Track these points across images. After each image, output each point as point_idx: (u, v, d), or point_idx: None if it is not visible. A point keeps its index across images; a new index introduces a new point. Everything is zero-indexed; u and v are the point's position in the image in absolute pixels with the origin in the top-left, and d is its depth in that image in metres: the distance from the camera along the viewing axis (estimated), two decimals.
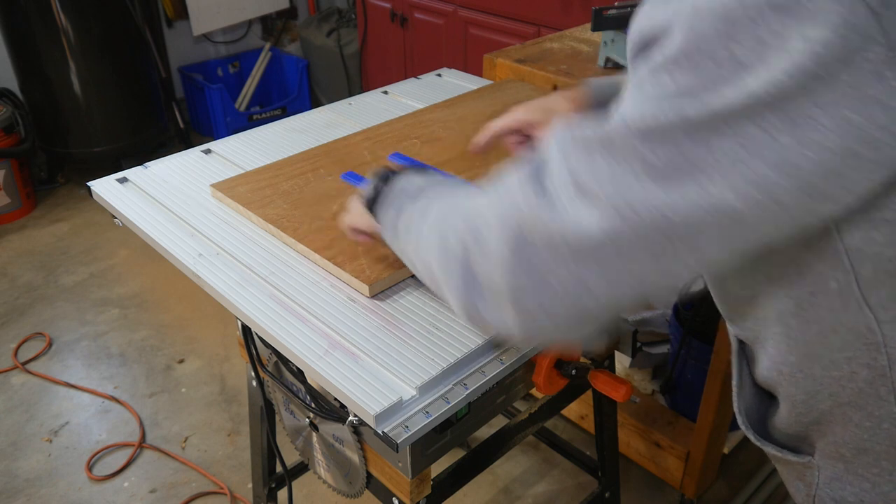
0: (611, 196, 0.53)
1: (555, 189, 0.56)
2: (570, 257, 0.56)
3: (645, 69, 0.52)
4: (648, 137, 0.51)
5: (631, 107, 0.53)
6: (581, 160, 0.55)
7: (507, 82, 1.59)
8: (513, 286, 0.60)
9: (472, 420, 0.98)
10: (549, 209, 0.56)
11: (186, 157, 1.32)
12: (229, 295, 0.95)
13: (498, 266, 0.60)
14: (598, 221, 0.54)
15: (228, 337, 2.43)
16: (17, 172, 3.05)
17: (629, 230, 0.53)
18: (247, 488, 1.89)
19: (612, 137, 0.53)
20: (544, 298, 0.59)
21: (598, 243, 0.54)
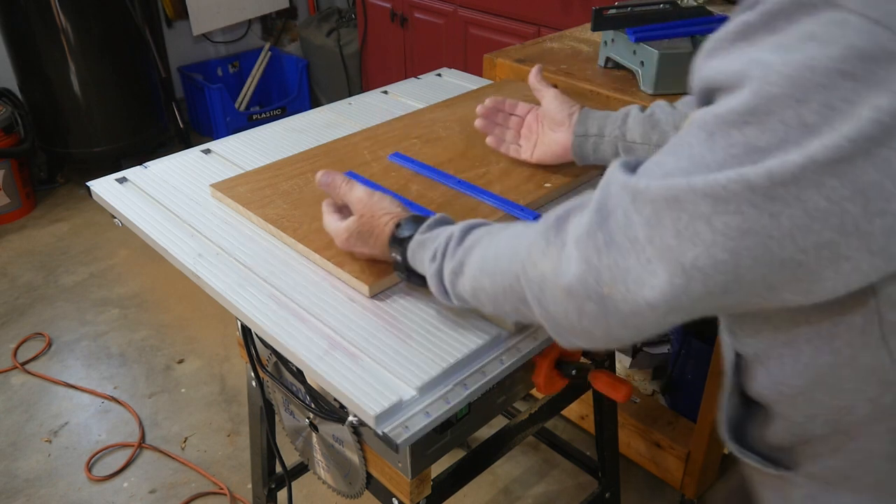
0: (679, 258, 0.54)
1: (626, 240, 0.57)
2: (649, 312, 0.58)
3: (712, 120, 0.53)
4: (715, 203, 0.52)
5: (703, 154, 0.53)
6: (650, 219, 0.56)
7: (507, 82, 1.59)
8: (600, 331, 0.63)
9: (472, 420, 0.98)
10: (622, 261, 0.58)
11: (186, 157, 1.32)
12: (229, 295, 0.95)
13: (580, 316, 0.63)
14: (670, 280, 0.55)
15: (228, 337, 2.43)
16: (17, 172, 3.05)
17: (703, 287, 0.55)
18: (246, 488, 1.89)
19: (679, 197, 0.53)
20: (628, 336, 0.63)
21: (675, 298, 0.56)
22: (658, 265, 0.55)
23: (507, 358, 0.87)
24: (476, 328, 0.89)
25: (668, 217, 0.54)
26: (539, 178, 1.17)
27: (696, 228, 0.53)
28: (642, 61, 1.47)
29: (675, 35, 1.47)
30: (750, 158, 0.51)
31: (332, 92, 3.84)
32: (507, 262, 0.72)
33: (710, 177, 0.52)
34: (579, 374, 0.99)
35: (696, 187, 0.52)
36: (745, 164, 0.51)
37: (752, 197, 0.50)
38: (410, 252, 0.86)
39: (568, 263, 0.62)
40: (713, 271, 0.53)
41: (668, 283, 0.55)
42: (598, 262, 0.59)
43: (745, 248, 0.51)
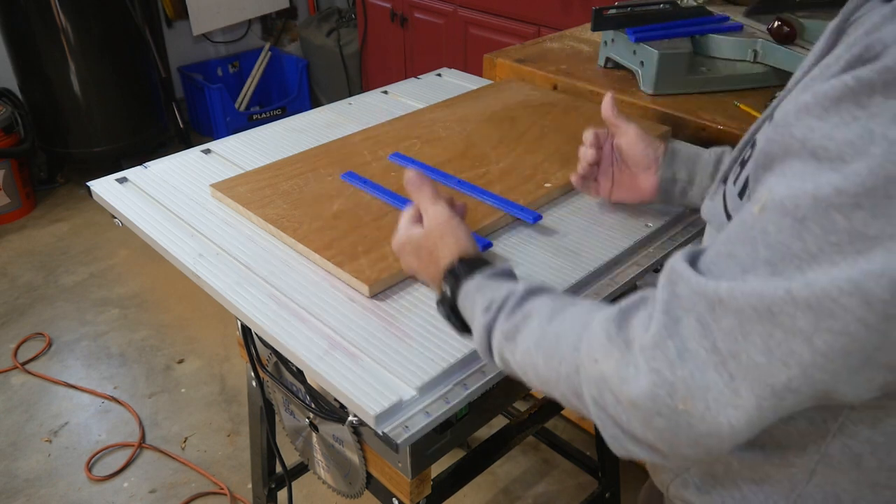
0: (769, 380, 0.47)
1: (703, 350, 0.50)
2: (728, 433, 0.51)
3: (809, 203, 0.44)
4: (818, 317, 0.44)
5: (782, 252, 0.46)
6: (734, 332, 0.48)
7: (507, 82, 1.59)
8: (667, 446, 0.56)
9: (472, 420, 0.98)
10: (700, 376, 0.50)
11: (186, 157, 1.32)
12: (229, 295, 0.95)
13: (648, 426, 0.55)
14: (758, 403, 0.48)
15: (228, 337, 2.43)
16: (17, 172, 3.05)
17: (793, 406, 0.49)
18: (247, 488, 1.89)
19: (772, 309, 0.46)
20: (694, 456, 0.55)
21: (759, 420, 0.50)
22: (742, 384, 0.48)
23: None
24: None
25: (757, 332, 0.47)
26: (539, 178, 1.17)
27: (792, 347, 0.46)
28: (642, 61, 1.47)
29: (675, 35, 1.47)
30: (855, 248, 0.43)
31: (332, 92, 3.84)
32: (566, 347, 0.63)
33: (811, 279, 0.44)
34: None
35: (795, 296, 0.45)
36: (850, 257, 0.43)
37: (865, 313, 0.43)
38: (463, 293, 0.78)
39: (635, 372, 0.54)
40: (808, 390, 0.47)
41: (755, 406, 0.48)
42: (671, 375, 0.51)
43: (847, 367, 0.45)
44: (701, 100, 1.42)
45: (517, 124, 1.35)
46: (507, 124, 1.36)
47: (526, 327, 0.68)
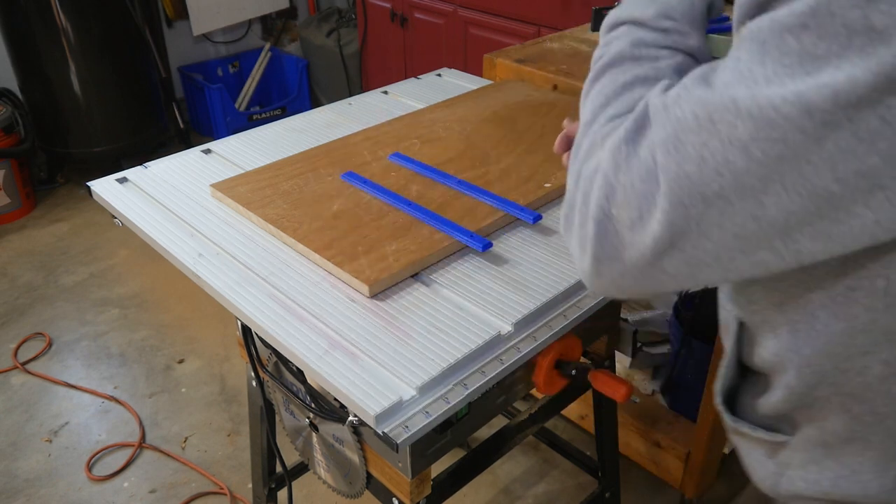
0: (701, 187, 0.50)
1: (649, 158, 0.52)
2: (650, 248, 0.53)
3: (767, 25, 0.47)
4: (757, 125, 0.46)
5: (752, 68, 0.47)
6: (668, 136, 0.51)
7: (507, 82, 1.59)
8: (593, 250, 0.58)
9: (472, 420, 0.98)
10: (639, 185, 0.53)
11: (186, 157, 1.32)
12: (229, 295, 0.95)
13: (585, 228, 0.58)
14: (684, 208, 0.50)
15: (228, 337, 2.43)
16: (17, 172, 3.05)
17: (718, 218, 0.50)
18: (247, 488, 1.89)
19: (712, 115, 0.48)
20: (616, 274, 0.57)
21: (683, 231, 0.51)
22: (672, 192, 0.50)
23: (506, 358, 0.87)
24: (476, 328, 0.89)
25: (692, 140, 0.49)
26: (539, 177, 1.17)
27: (727, 155, 0.48)
28: None
29: None
30: (803, 69, 0.45)
31: (332, 92, 3.84)
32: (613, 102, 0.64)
33: (760, 93, 0.46)
34: (579, 373, 0.99)
35: (739, 105, 0.47)
36: (798, 77, 0.45)
37: (805, 122, 0.45)
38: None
39: (597, 170, 0.57)
40: (737, 199, 0.48)
41: (682, 211, 0.50)
42: (613, 179, 0.55)
43: (778, 173, 0.47)
44: None
45: (517, 124, 1.35)
46: (507, 124, 1.36)
47: (637, 69, 0.66)
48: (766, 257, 0.51)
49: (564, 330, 0.94)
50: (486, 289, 0.97)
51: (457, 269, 1.01)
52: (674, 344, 1.81)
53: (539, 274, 0.99)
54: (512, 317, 0.91)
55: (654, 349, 1.94)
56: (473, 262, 1.02)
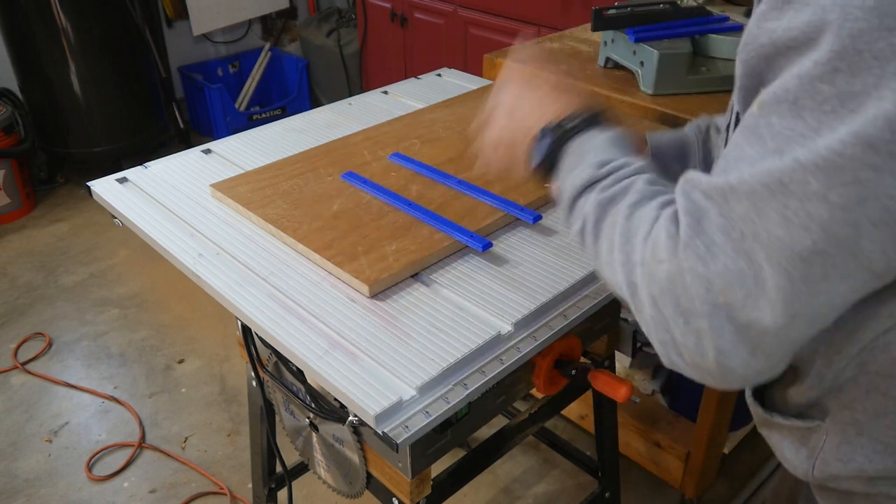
0: (793, 249, 0.50)
1: (729, 242, 0.53)
2: (770, 323, 0.53)
3: (794, 84, 0.48)
4: (827, 174, 0.47)
5: (787, 135, 0.48)
6: (748, 214, 0.51)
7: None
8: (715, 352, 0.56)
9: (472, 420, 0.98)
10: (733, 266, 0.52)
11: (186, 157, 1.32)
12: (229, 295, 0.95)
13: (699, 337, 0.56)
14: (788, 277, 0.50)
15: (228, 337, 2.43)
16: (17, 172, 3.05)
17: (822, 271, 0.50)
18: (247, 488, 1.89)
19: (782, 179, 0.48)
20: (746, 355, 0.56)
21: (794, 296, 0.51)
22: (768, 263, 0.50)
23: (506, 358, 0.87)
24: (476, 328, 0.89)
25: (772, 207, 0.49)
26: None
27: (809, 210, 0.48)
28: (642, 61, 1.47)
29: (675, 35, 1.47)
30: (847, 108, 0.46)
31: (332, 92, 3.84)
32: (640, 237, 0.63)
33: (817, 145, 0.47)
34: (579, 373, 0.99)
35: (804, 162, 0.47)
36: (846, 117, 0.46)
37: (871, 157, 0.45)
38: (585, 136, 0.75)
39: (681, 275, 0.56)
40: (835, 250, 0.49)
41: (787, 279, 0.50)
42: (705, 271, 0.54)
43: (863, 214, 0.47)
44: (701, 100, 1.42)
45: None
46: None
47: (622, 201, 0.67)
48: (873, 284, 0.53)
49: (564, 330, 0.94)
50: (486, 289, 0.97)
51: (457, 269, 1.01)
52: None
53: (539, 274, 0.99)
54: (512, 317, 0.91)
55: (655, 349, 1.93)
56: (473, 262, 1.02)
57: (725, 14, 1.57)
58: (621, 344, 1.91)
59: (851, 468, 0.67)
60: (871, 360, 0.62)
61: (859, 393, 0.65)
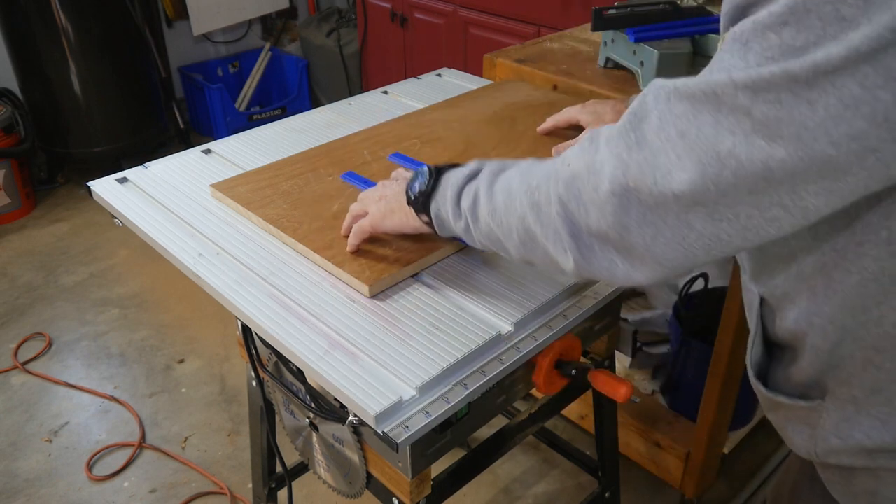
0: (715, 147, 0.56)
1: (658, 139, 0.59)
2: (674, 202, 0.59)
3: (749, 27, 0.54)
4: (755, 94, 0.53)
5: (736, 63, 0.55)
6: (686, 113, 0.58)
7: (507, 82, 1.59)
8: (618, 229, 0.64)
9: (472, 420, 0.98)
10: (652, 158, 0.60)
11: (186, 157, 1.32)
12: (229, 295, 0.95)
13: (602, 213, 0.64)
14: (702, 170, 0.57)
15: (228, 337, 2.43)
16: (17, 172, 3.05)
17: (733, 178, 0.56)
18: (247, 488, 1.89)
19: (718, 93, 0.55)
20: (649, 238, 0.62)
21: (703, 189, 0.57)
22: (689, 159, 0.57)
23: (506, 358, 0.88)
24: (476, 328, 0.89)
25: (707, 109, 0.56)
26: None
27: (737, 119, 0.54)
28: (642, 61, 1.47)
29: (675, 35, 1.47)
30: (786, 58, 0.52)
31: (332, 92, 3.84)
32: (541, 170, 0.74)
33: (750, 72, 0.53)
34: (579, 373, 0.99)
35: (737, 80, 0.54)
36: (782, 63, 0.52)
37: (792, 86, 0.51)
38: (448, 174, 0.88)
39: (600, 163, 0.64)
40: (748, 160, 0.54)
41: (699, 172, 0.57)
42: (627, 158, 0.61)
43: (780, 136, 0.53)
44: None
45: (517, 124, 1.36)
46: (507, 124, 1.36)
47: (516, 164, 0.80)
48: (778, 214, 0.57)
49: (564, 330, 0.94)
50: (486, 289, 0.97)
51: (457, 269, 1.01)
52: (674, 344, 1.81)
53: (539, 274, 0.99)
54: (512, 317, 0.91)
55: (654, 349, 1.94)
56: (473, 262, 1.02)
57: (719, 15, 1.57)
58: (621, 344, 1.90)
59: (851, 444, 0.70)
60: (866, 334, 0.65)
61: (856, 369, 0.67)
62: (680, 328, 1.74)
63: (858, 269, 0.62)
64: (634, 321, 1.96)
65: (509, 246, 0.79)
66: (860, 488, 0.73)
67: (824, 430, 0.72)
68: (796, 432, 0.77)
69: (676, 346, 1.77)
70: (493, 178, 0.80)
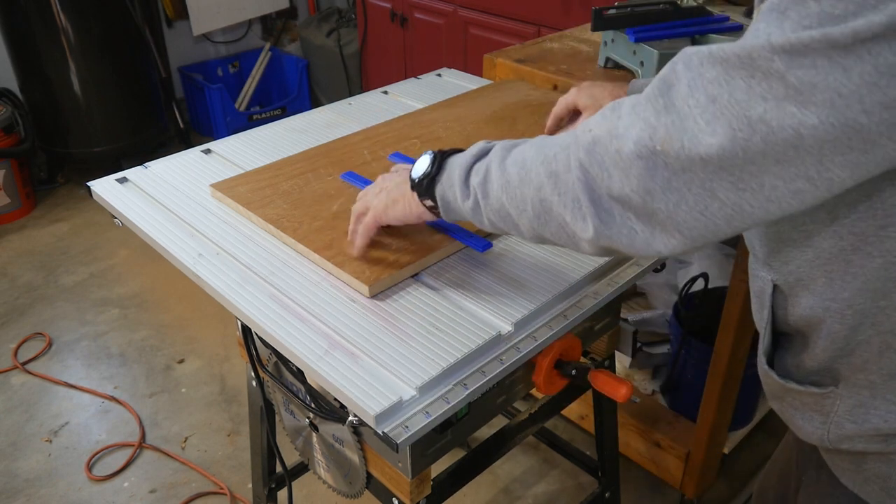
0: (747, 112, 0.55)
1: (686, 105, 0.58)
2: (700, 168, 0.58)
3: None
4: (791, 59, 0.53)
5: (773, 29, 0.54)
6: (718, 78, 0.56)
7: (507, 82, 1.59)
8: (642, 193, 0.62)
9: (472, 420, 0.98)
10: (681, 123, 0.58)
11: (186, 157, 1.32)
12: (229, 295, 0.95)
13: (627, 176, 0.63)
14: (732, 135, 0.56)
15: (228, 337, 2.43)
16: (17, 172, 3.05)
17: (762, 144, 0.55)
18: (247, 488, 1.89)
19: (754, 56, 0.54)
20: (672, 205, 0.61)
21: (731, 155, 0.56)
22: (719, 123, 0.56)
23: (506, 358, 0.87)
24: (476, 328, 0.89)
25: (740, 75, 0.55)
26: None
27: (770, 84, 0.54)
28: (642, 61, 1.47)
29: (675, 35, 1.47)
30: (824, 26, 0.51)
31: (332, 92, 3.84)
32: (557, 140, 0.72)
33: (788, 35, 0.53)
34: (579, 373, 0.99)
35: (774, 43, 0.53)
36: (819, 31, 0.51)
37: (829, 51, 0.51)
38: (452, 159, 0.87)
39: (626, 126, 0.63)
40: (778, 126, 0.54)
41: (729, 137, 0.56)
42: (655, 121, 0.60)
43: (813, 103, 0.52)
44: None
45: (517, 124, 1.35)
46: (507, 124, 1.36)
47: (529, 140, 0.77)
48: (803, 186, 0.56)
49: (564, 330, 0.94)
50: (486, 289, 0.97)
51: (457, 269, 1.01)
52: (674, 344, 1.81)
53: (539, 274, 0.99)
54: (512, 317, 0.91)
55: (654, 349, 1.94)
56: (473, 262, 1.02)
57: (725, 14, 1.57)
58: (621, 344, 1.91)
59: (867, 429, 0.70)
60: (885, 319, 0.65)
61: (872, 354, 0.67)
62: (680, 328, 1.74)
63: (881, 253, 0.62)
64: (634, 321, 1.97)
65: (521, 221, 0.76)
66: (872, 473, 0.73)
67: (838, 416, 0.72)
68: (807, 419, 0.76)
69: (676, 346, 1.77)
70: (504, 154, 0.78)
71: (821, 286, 0.68)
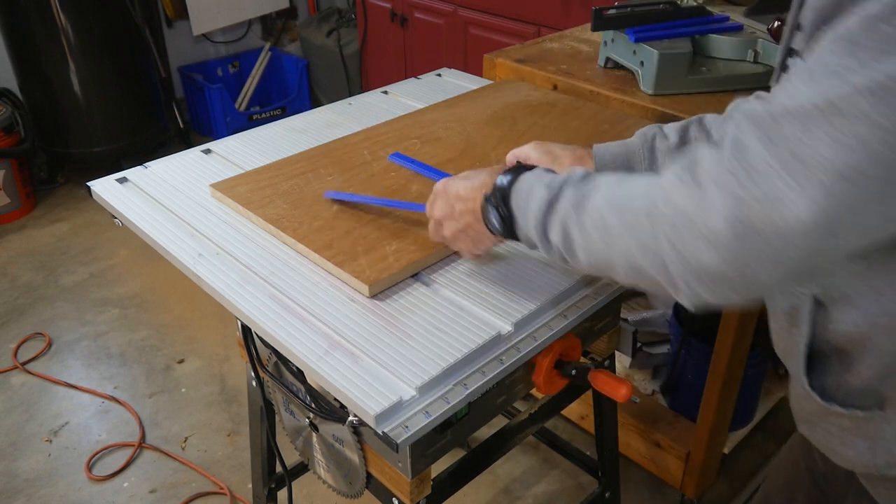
0: (838, 164, 0.51)
1: (766, 168, 0.54)
2: (800, 236, 0.54)
3: (856, 23, 0.51)
4: (876, 98, 0.49)
5: (847, 63, 0.51)
6: (794, 133, 0.53)
7: (507, 82, 1.59)
8: (737, 266, 0.58)
9: (472, 420, 0.98)
10: (767, 188, 0.54)
11: (186, 157, 1.32)
12: (229, 295, 0.95)
13: (718, 251, 0.58)
14: (824, 193, 0.52)
15: (228, 337, 2.43)
16: (17, 172, 3.05)
17: (858, 194, 0.52)
18: (247, 488, 1.89)
19: (834, 101, 0.51)
20: (766, 275, 0.58)
21: (823, 218, 0.53)
22: (809, 181, 0.52)
23: (506, 358, 0.87)
24: (476, 328, 0.89)
25: (821, 127, 0.52)
26: None
27: (856, 130, 0.50)
28: (642, 61, 1.47)
29: (675, 35, 1.47)
30: None
31: (332, 92, 3.84)
32: (639, 200, 0.66)
33: (871, 72, 0.49)
34: (579, 373, 0.99)
35: (857, 85, 0.50)
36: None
37: None
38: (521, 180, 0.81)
39: (711, 201, 0.58)
40: (873, 170, 0.50)
41: (823, 195, 0.52)
42: (743, 193, 0.56)
43: None
44: (701, 100, 1.42)
45: (517, 124, 1.36)
46: (507, 124, 1.36)
47: (595, 193, 0.72)
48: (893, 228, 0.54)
49: (564, 330, 0.94)
50: (486, 289, 0.97)
51: (457, 269, 1.01)
52: (674, 344, 1.81)
53: (539, 274, 0.99)
54: (512, 317, 0.91)
55: (654, 349, 1.94)
56: (473, 262, 1.02)
57: (725, 14, 1.57)
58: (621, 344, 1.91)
59: None
60: None
61: None
62: (680, 328, 1.74)
63: None
64: (634, 321, 1.96)
65: (614, 275, 0.73)
66: None
67: (887, 440, 0.68)
68: (848, 445, 0.72)
69: (676, 346, 1.77)
70: (579, 209, 0.72)
71: (867, 302, 0.64)
